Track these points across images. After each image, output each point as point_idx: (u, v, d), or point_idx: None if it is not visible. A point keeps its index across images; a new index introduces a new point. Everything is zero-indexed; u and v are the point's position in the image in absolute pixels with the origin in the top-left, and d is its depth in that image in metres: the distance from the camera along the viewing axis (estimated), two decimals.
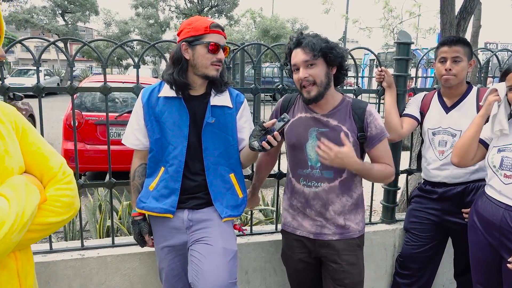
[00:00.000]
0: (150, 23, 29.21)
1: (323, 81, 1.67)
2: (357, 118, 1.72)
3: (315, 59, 1.65)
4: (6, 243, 0.94)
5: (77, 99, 4.97)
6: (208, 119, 1.68)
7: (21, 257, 1.10)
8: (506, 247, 1.70)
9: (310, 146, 1.74)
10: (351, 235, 1.77)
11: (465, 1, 3.04)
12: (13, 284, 1.06)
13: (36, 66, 1.87)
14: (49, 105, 12.37)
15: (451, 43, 2.00)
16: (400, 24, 14.72)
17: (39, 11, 26.04)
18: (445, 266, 2.50)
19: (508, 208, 1.68)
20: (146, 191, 1.75)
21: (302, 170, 1.77)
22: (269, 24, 24.53)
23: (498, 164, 1.75)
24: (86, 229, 3.35)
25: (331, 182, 1.73)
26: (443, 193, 2.10)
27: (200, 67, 1.64)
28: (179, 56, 1.65)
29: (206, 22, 1.63)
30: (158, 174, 1.72)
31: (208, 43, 1.61)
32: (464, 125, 1.99)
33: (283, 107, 1.87)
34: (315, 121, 1.75)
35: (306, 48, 1.64)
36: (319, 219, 1.77)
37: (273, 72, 11.18)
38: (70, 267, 1.95)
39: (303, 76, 1.67)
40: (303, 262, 1.86)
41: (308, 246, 1.81)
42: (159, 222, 1.75)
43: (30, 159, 1.13)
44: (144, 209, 1.73)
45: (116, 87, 2.04)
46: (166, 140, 1.69)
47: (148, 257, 2.04)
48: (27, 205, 1.00)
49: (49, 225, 1.08)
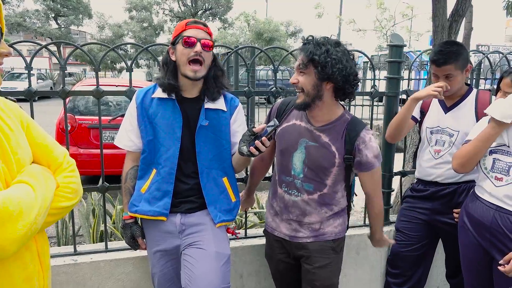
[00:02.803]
0: (144, 26, 29.13)
1: (310, 92, 1.60)
2: (348, 140, 1.66)
3: (305, 68, 1.59)
4: (36, 225, 1.04)
5: (70, 103, 4.94)
6: (202, 122, 1.67)
7: (40, 239, 1.18)
8: (497, 248, 1.70)
9: (297, 156, 1.71)
10: (325, 238, 1.76)
11: (457, 4, 3.06)
12: (35, 264, 1.15)
13: (28, 70, 1.86)
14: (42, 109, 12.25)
15: (439, 64, 1.94)
16: (393, 27, 14.82)
17: (31, 14, 25.92)
18: (439, 267, 2.50)
19: (498, 209, 1.69)
20: (138, 194, 1.73)
21: (285, 176, 1.76)
22: (263, 27, 24.57)
23: (489, 166, 1.75)
24: (79, 234, 3.32)
25: (310, 195, 1.72)
26: (434, 192, 2.12)
27: (181, 66, 1.63)
28: (166, 59, 1.67)
29: (185, 21, 1.64)
30: (150, 176, 1.70)
31: (182, 38, 1.60)
32: (462, 126, 2.01)
33: (279, 110, 1.83)
34: (308, 133, 1.70)
35: (302, 53, 1.59)
36: (294, 224, 1.77)
37: (267, 75, 11.21)
38: (63, 272, 1.93)
39: (292, 81, 1.64)
40: (283, 263, 1.87)
41: (286, 247, 1.82)
42: (151, 226, 1.73)
43: (36, 150, 1.21)
44: (137, 212, 1.71)
45: (108, 91, 2.03)
46: (159, 141, 1.67)
47: (142, 261, 2.03)
48: (47, 191, 1.11)
49: (62, 209, 1.18)
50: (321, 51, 1.55)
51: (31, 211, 1.02)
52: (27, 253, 1.12)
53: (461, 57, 1.95)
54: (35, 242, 1.16)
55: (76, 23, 27.44)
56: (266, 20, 25.59)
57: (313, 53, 1.55)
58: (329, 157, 1.67)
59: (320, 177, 1.70)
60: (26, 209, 1.00)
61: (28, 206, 1.02)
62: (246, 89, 2.18)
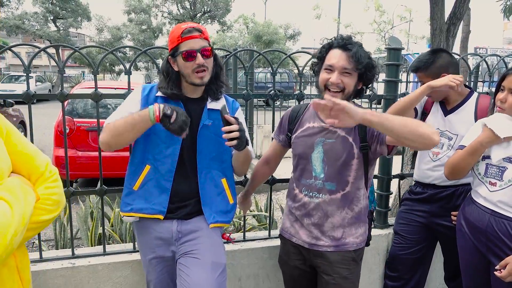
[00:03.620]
0: (142, 29, 29.20)
1: (350, 92, 1.64)
2: (360, 128, 1.68)
3: (354, 71, 1.61)
4: (12, 245, 0.99)
5: (68, 106, 4.94)
6: (205, 121, 1.67)
7: (19, 253, 1.14)
8: (493, 252, 1.71)
9: (315, 156, 1.72)
10: (346, 248, 1.73)
11: (455, 7, 3.08)
12: (14, 279, 1.11)
13: (26, 73, 1.86)
14: (41, 112, 12.27)
15: (412, 71, 2.11)
16: (391, 30, 14.87)
17: (30, 17, 25.91)
18: (437, 270, 2.50)
19: (493, 213, 1.69)
20: (129, 191, 1.69)
21: (305, 179, 1.76)
22: (262, 29, 24.64)
23: (483, 172, 1.76)
24: (77, 237, 3.31)
25: (333, 194, 1.71)
26: (432, 195, 2.12)
27: (186, 76, 1.63)
28: (167, 68, 1.66)
29: (178, 31, 1.60)
30: (142, 172, 1.67)
31: (181, 53, 1.59)
32: (460, 129, 2.01)
33: (291, 118, 1.85)
34: (324, 131, 1.71)
35: (352, 57, 1.60)
36: (315, 231, 1.74)
37: (266, 77, 11.22)
38: (61, 276, 1.92)
39: (336, 81, 1.61)
40: (298, 269, 1.84)
41: (303, 253, 1.80)
42: (146, 233, 1.72)
43: (16, 159, 1.15)
44: (132, 211, 1.67)
45: (106, 93, 2.02)
46: (158, 137, 1.65)
47: (140, 265, 2.02)
48: (26, 207, 1.04)
49: (42, 222, 1.13)
50: (364, 53, 1.63)
51: (6, 232, 0.95)
52: (4, 269, 1.08)
53: (433, 66, 2.01)
54: (14, 258, 1.12)
55: (75, 25, 27.42)
56: (265, 23, 25.66)
57: (363, 57, 1.60)
58: (349, 148, 1.67)
59: (342, 173, 1.69)
60: (1, 230, 0.94)
61: (4, 227, 0.95)
62: (245, 92, 2.18)
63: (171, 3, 29.20)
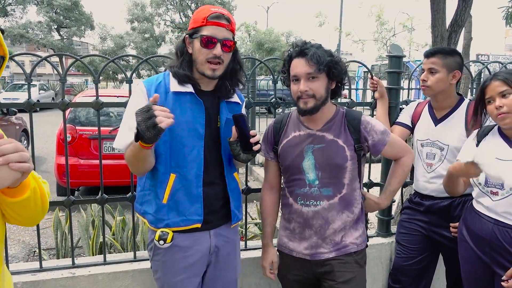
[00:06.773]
0: (145, 37, 29.43)
1: (322, 95, 1.62)
2: (352, 130, 1.68)
3: (319, 73, 1.58)
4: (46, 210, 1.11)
5: (71, 114, 4.96)
6: (227, 115, 1.57)
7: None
8: (498, 262, 1.68)
9: (306, 164, 1.69)
10: (347, 250, 1.71)
11: (456, 14, 3.08)
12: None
13: (28, 82, 1.86)
14: (44, 120, 12.30)
15: (428, 55, 2.00)
16: (393, 37, 14.90)
17: (34, 26, 26.19)
18: (441, 279, 2.47)
19: (497, 223, 1.67)
20: (160, 204, 1.53)
21: (299, 189, 1.71)
22: (264, 37, 24.80)
23: (483, 182, 1.73)
24: (79, 246, 3.29)
25: (331, 199, 1.68)
26: (430, 206, 2.08)
27: (198, 63, 1.50)
28: (181, 48, 1.54)
29: (206, 13, 1.47)
30: (168, 183, 1.51)
31: (201, 36, 1.46)
32: (451, 140, 1.97)
33: (275, 130, 1.80)
34: (310, 138, 1.69)
35: (311, 61, 1.56)
36: (316, 239, 1.70)
37: (268, 85, 11.24)
38: (61, 286, 1.90)
39: (304, 89, 1.59)
40: (297, 283, 1.80)
41: (305, 266, 1.76)
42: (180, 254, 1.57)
43: None
44: (169, 226, 1.52)
45: (108, 102, 2.02)
46: (179, 141, 1.50)
47: (140, 274, 2.01)
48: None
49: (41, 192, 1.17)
50: (324, 52, 1.60)
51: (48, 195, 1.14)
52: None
53: (451, 57, 1.97)
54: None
55: (78, 34, 27.72)
56: (267, 31, 25.84)
57: (322, 57, 1.57)
58: (340, 152, 1.66)
59: (337, 177, 1.67)
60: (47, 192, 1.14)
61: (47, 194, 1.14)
62: (246, 99, 2.18)
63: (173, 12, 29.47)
